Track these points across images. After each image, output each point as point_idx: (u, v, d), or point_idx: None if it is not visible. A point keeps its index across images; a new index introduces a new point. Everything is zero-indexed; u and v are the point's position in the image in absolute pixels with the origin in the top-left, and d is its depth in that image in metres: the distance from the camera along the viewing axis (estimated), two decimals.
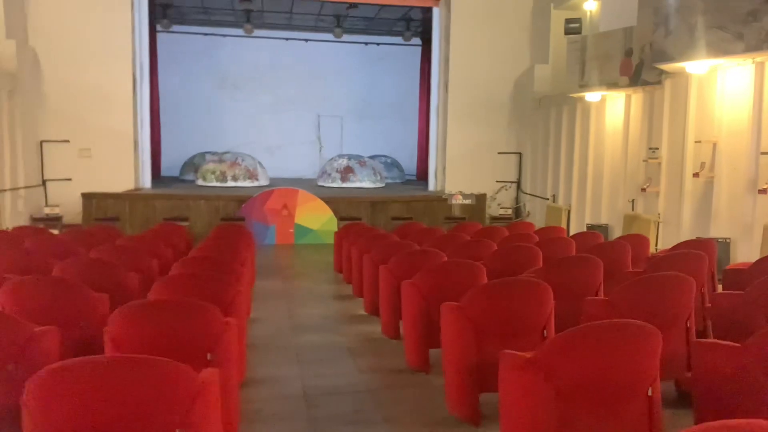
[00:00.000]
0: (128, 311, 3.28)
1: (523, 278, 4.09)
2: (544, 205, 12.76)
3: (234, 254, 6.01)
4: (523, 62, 13.85)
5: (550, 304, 3.81)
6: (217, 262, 5.20)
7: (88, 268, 5.07)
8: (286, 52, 16.99)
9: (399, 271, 5.44)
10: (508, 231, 8.24)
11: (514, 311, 3.71)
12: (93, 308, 4.12)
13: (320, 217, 11.68)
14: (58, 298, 4.05)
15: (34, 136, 12.16)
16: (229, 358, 3.38)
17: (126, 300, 4.82)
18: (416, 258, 5.53)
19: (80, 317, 4.01)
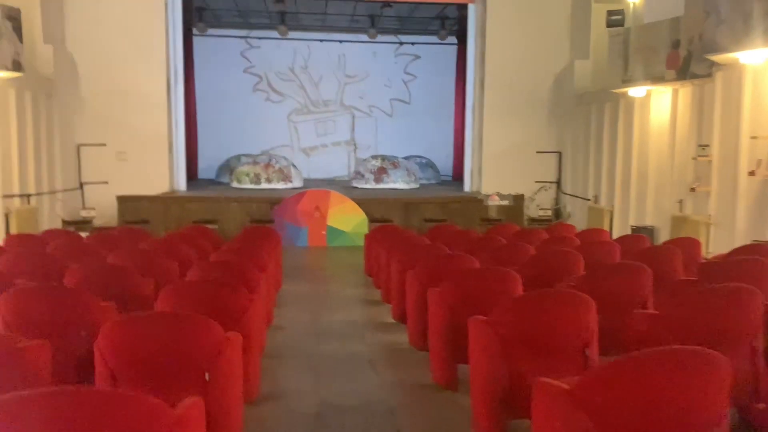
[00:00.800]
0: (120, 325, 2.96)
1: (561, 290, 3.61)
2: (585, 206, 12.11)
3: (256, 259, 5.69)
4: (562, 58, 13.22)
5: (593, 320, 3.33)
6: (236, 268, 4.88)
7: (101, 273, 4.82)
8: (320, 54, 16.74)
9: (426, 277, 5.01)
10: (547, 234, 7.72)
11: (551, 327, 3.24)
12: (96, 317, 3.83)
13: (352, 219, 11.33)
14: (60, 306, 3.77)
15: (72, 139, 12.18)
16: (228, 377, 3.02)
17: (137, 307, 4.56)
18: (445, 263, 5.10)
19: (81, 327, 3.72)
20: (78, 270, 4.73)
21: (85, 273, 4.74)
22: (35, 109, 10.82)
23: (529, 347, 3.24)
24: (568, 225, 8.91)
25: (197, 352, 2.93)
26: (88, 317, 3.80)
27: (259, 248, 6.30)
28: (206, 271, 4.73)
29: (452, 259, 5.17)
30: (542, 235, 7.61)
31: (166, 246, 6.39)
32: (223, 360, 2.98)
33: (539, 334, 3.24)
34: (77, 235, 7.34)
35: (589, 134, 12.04)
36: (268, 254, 6.28)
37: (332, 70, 16.96)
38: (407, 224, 11.35)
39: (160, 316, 3.15)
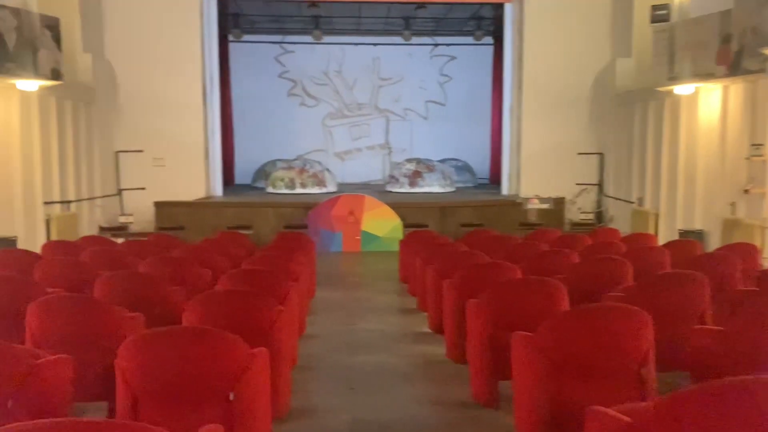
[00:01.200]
0: (141, 341, 2.80)
1: (612, 304, 3.30)
2: (628, 209, 11.63)
3: (288, 267, 5.52)
4: (603, 56, 12.75)
5: (649, 337, 3.02)
6: (266, 278, 4.71)
7: (131, 282, 4.71)
8: (354, 57, 16.61)
9: (465, 287, 4.76)
10: (590, 239, 7.35)
11: (603, 346, 2.95)
12: (121, 330, 3.70)
13: (387, 224, 11.12)
14: (86, 318, 3.66)
15: (111, 146, 12.30)
16: (254, 396, 2.84)
17: (166, 318, 4.43)
18: (484, 272, 4.83)
19: (106, 340, 3.60)
20: (108, 279, 4.64)
21: (115, 282, 4.64)
22: (75, 116, 10.96)
23: (579, 368, 2.96)
24: (613, 229, 8.51)
25: (221, 370, 2.76)
26: (113, 330, 3.68)
27: (292, 255, 6.13)
28: (236, 280, 4.57)
29: (491, 267, 4.89)
30: (585, 241, 7.25)
31: (198, 254, 6.29)
32: (248, 378, 2.81)
33: (589, 353, 2.95)
34: (112, 242, 7.33)
35: (632, 134, 11.56)
36: (300, 262, 6.11)
37: (366, 73, 16.81)
38: (443, 229, 11.07)
39: (182, 331, 2.98)
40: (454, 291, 4.84)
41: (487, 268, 4.91)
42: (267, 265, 5.41)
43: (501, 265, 4.89)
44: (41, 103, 9.84)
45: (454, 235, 10.84)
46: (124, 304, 4.24)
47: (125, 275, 4.78)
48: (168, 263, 5.52)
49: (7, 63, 8.43)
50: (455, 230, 11.04)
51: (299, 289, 5.39)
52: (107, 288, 4.55)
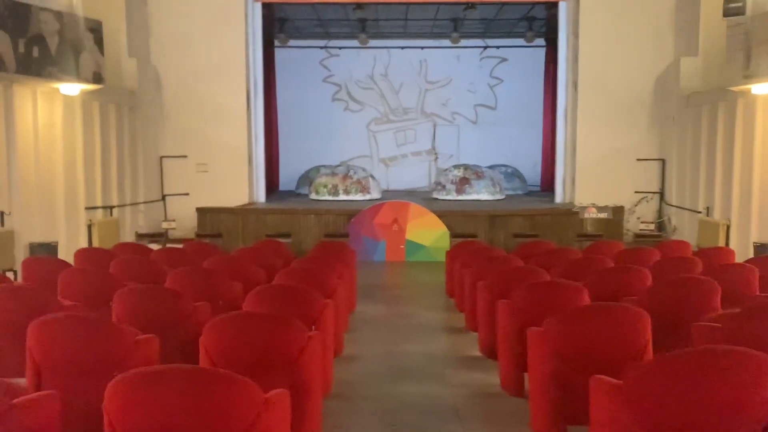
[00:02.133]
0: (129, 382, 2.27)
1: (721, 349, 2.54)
2: (694, 220, 10.65)
3: (324, 281, 4.98)
4: (665, 55, 11.82)
5: None
6: (298, 295, 4.18)
7: (152, 297, 4.26)
8: (401, 60, 16.01)
9: (524, 310, 4.11)
10: (659, 252, 6.56)
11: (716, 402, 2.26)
12: (132, 352, 3.22)
13: (432, 233, 10.50)
14: (89, 341, 3.20)
15: (155, 151, 12.11)
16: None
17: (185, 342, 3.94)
18: (547, 293, 4.17)
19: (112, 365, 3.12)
20: (128, 294, 4.20)
21: (135, 297, 4.21)
22: (119, 121, 10.79)
23: (681, 422, 2.29)
24: (682, 242, 7.65)
25: (229, 423, 2.30)
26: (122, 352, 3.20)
27: (331, 267, 5.60)
28: (264, 298, 4.06)
29: (554, 288, 4.23)
30: (653, 255, 6.46)
31: (231, 264, 5.83)
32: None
33: (696, 404, 2.27)
34: (147, 249, 6.97)
35: (699, 138, 10.59)
36: (339, 274, 5.57)
37: (413, 76, 16.19)
38: (493, 239, 10.39)
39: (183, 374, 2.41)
40: (510, 314, 4.19)
41: (549, 289, 4.25)
42: (301, 279, 4.88)
43: (565, 285, 4.21)
44: (84, 107, 9.68)
45: (505, 246, 10.14)
46: (143, 322, 3.80)
47: (147, 290, 4.33)
48: (197, 276, 5.07)
49: (49, 67, 8.25)
50: (507, 241, 10.34)
51: (336, 307, 4.85)
52: (126, 303, 4.12)
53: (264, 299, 4.05)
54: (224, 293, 4.95)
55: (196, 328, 4.02)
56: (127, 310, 4.08)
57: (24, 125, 8.46)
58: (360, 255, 10.35)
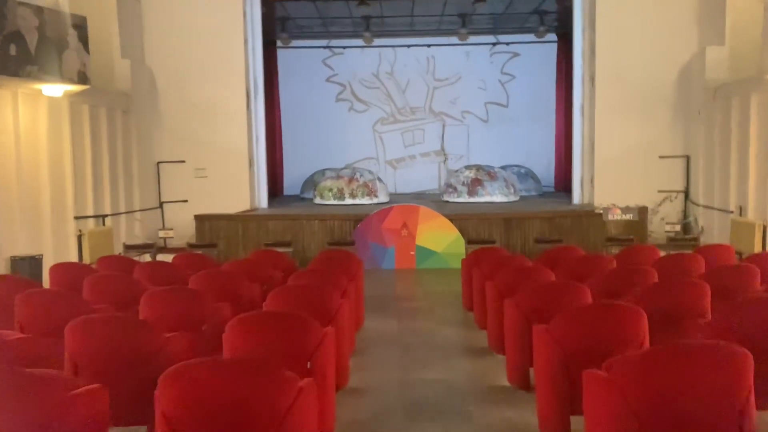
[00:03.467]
0: None
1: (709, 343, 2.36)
2: (725, 220, 9.77)
3: (325, 301, 4.18)
4: (689, 45, 10.96)
5: None
6: (291, 325, 3.38)
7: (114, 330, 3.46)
8: (407, 57, 15.16)
9: (568, 338, 3.29)
10: (702, 258, 5.71)
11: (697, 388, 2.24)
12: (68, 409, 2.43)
13: (445, 238, 9.68)
14: None
15: (151, 156, 11.37)
16: None
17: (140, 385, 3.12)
18: (597, 319, 3.34)
19: None
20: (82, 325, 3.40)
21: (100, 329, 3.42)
22: (111, 125, 10.06)
23: None
24: (723, 246, 6.77)
25: None
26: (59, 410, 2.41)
27: (333, 284, 4.80)
28: (251, 330, 3.25)
29: (610, 311, 3.38)
30: (698, 263, 5.63)
31: (221, 281, 5.05)
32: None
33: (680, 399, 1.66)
34: (132, 264, 6.18)
35: (728, 133, 9.71)
36: (343, 291, 4.77)
37: (420, 74, 15.31)
38: (510, 245, 9.56)
39: None
40: (552, 343, 3.36)
41: (602, 313, 3.40)
42: (298, 301, 4.08)
43: (622, 308, 3.37)
44: (72, 110, 8.95)
45: (524, 251, 9.34)
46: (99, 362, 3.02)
47: (107, 321, 3.52)
48: (177, 299, 4.27)
49: (28, 66, 7.50)
50: (525, 246, 9.52)
51: (339, 331, 4.04)
52: (79, 337, 3.32)
53: (250, 331, 3.25)
54: (210, 317, 4.16)
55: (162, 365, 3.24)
56: (78, 348, 3.29)
57: (3, 128, 7.73)
58: (367, 263, 9.56)
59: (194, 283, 5.00)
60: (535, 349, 3.55)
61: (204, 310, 4.21)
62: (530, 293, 4.20)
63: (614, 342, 3.18)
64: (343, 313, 4.18)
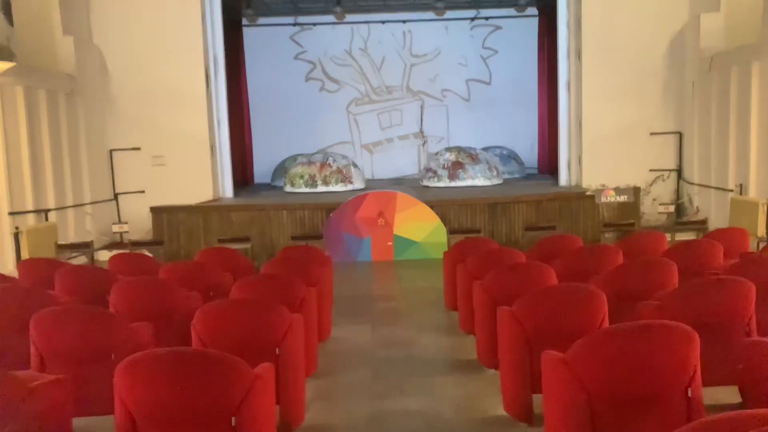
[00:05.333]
0: None
1: None
2: (723, 199, 8.96)
3: (272, 322, 3.20)
4: (680, 13, 10.07)
5: None
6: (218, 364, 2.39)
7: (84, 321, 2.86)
8: (382, 32, 13.94)
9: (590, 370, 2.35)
10: (721, 246, 4.83)
11: None
12: None
13: (425, 226, 8.73)
14: None
15: (103, 144, 10.21)
16: None
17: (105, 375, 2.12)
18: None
19: None
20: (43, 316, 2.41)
21: None
22: (53, 110, 8.87)
23: None
24: (738, 229, 5.90)
25: None
26: None
27: (288, 294, 3.83)
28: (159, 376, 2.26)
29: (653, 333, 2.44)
30: (716, 252, 4.75)
31: (148, 294, 4.03)
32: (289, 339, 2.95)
33: None
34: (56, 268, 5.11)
35: (727, 105, 8.85)
36: (299, 303, 3.79)
37: (396, 50, 14.12)
38: (495, 233, 8.66)
39: None
40: (570, 377, 2.42)
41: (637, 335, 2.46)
42: (235, 323, 3.10)
43: (658, 328, 2.44)
44: (3, 93, 7.78)
45: (513, 240, 8.45)
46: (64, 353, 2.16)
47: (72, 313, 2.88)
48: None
49: None
50: (512, 234, 8.62)
51: (283, 362, 3.08)
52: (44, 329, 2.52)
53: (157, 376, 2.26)
54: (122, 344, 3.15)
55: None
56: None
57: None
58: (341, 256, 8.60)
59: (116, 295, 3.97)
60: (499, 330, 3.43)
61: (111, 341, 3.20)
62: (531, 302, 3.25)
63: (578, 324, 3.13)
64: (294, 335, 3.19)
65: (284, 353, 3.13)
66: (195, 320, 3.13)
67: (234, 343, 3.08)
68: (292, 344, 3.14)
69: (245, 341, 3.11)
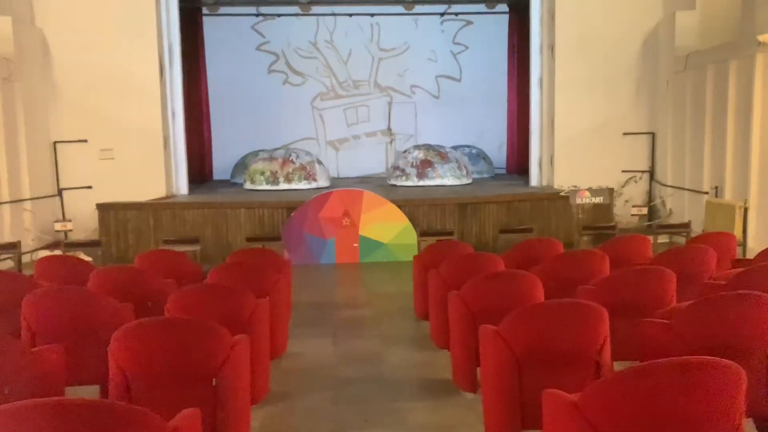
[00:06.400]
0: None
1: None
2: (697, 201, 8.67)
3: (211, 346, 2.59)
4: (654, 10, 9.80)
5: None
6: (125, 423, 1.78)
7: None
8: (349, 24, 13.27)
9: None
10: (715, 253, 4.41)
11: None
12: None
13: (392, 227, 8.17)
14: None
15: (46, 135, 9.34)
16: None
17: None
18: None
19: None
20: None
21: None
22: None
23: None
24: (725, 234, 5.53)
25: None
26: None
27: (234, 307, 3.22)
28: None
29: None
30: (707, 258, 4.33)
31: (70, 305, 3.35)
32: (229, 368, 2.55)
33: None
34: None
35: (702, 105, 8.56)
36: (246, 322, 3.19)
37: (364, 43, 13.47)
38: (465, 235, 8.18)
39: None
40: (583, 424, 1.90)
41: None
42: (168, 349, 2.48)
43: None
44: None
45: (483, 241, 7.98)
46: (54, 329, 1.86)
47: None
48: None
49: None
50: (482, 235, 8.15)
51: (231, 394, 2.48)
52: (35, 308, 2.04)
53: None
54: None
55: None
56: None
57: None
58: (302, 258, 7.98)
59: (28, 308, 3.28)
60: (482, 351, 3.09)
61: None
62: (520, 321, 2.72)
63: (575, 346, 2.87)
64: (235, 362, 2.58)
65: (222, 385, 2.52)
66: (112, 344, 2.52)
67: (159, 374, 2.48)
68: (232, 374, 2.54)
69: (174, 371, 2.50)
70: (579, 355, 2.67)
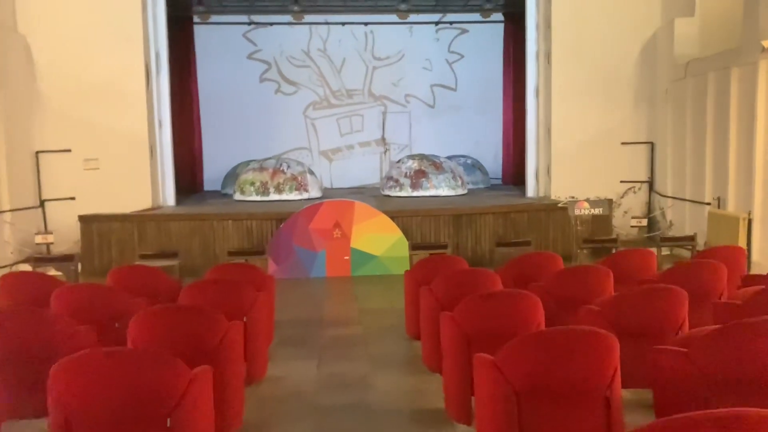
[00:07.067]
0: None
1: None
2: (698, 213, 8.39)
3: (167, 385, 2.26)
4: (652, 18, 9.56)
5: None
6: None
7: None
8: (342, 32, 12.99)
9: None
10: (725, 268, 4.11)
11: None
12: None
13: (385, 239, 7.85)
14: None
15: (28, 144, 9.01)
16: None
17: None
18: None
19: None
20: None
21: None
22: None
23: None
24: (736, 248, 5.22)
25: None
26: None
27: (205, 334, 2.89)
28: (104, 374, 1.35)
29: None
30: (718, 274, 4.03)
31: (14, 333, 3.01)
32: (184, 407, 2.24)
33: None
34: None
35: (703, 114, 8.30)
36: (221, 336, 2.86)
37: (358, 51, 13.17)
38: (460, 248, 7.87)
39: None
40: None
41: None
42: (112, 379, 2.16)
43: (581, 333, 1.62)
44: None
45: (479, 255, 7.67)
46: None
47: None
48: None
49: None
50: (478, 247, 7.83)
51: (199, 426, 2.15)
52: None
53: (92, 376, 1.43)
54: None
55: None
56: None
57: None
58: (292, 271, 7.65)
59: None
60: (478, 382, 2.76)
61: None
62: (520, 350, 2.40)
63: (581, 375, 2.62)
64: (192, 401, 2.25)
65: (178, 426, 2.19)
66: (51, 377, 2.22)
67: (105, 413, 2.14)
68: (190, 413, 2.21)
69: (122, 409, 2.16)
70: (586, 390, 2.34)
